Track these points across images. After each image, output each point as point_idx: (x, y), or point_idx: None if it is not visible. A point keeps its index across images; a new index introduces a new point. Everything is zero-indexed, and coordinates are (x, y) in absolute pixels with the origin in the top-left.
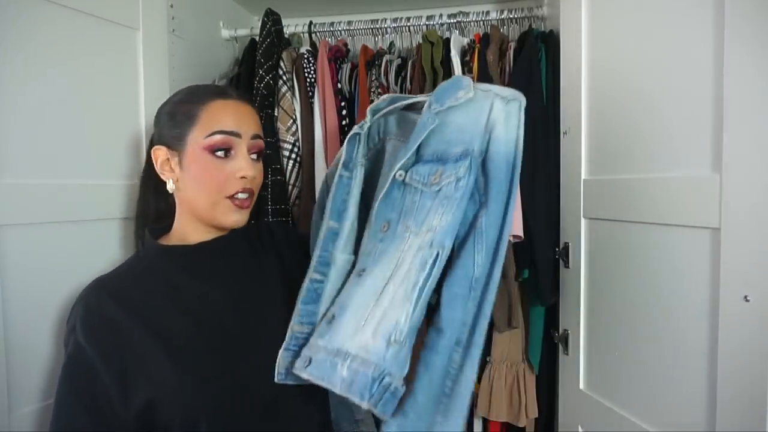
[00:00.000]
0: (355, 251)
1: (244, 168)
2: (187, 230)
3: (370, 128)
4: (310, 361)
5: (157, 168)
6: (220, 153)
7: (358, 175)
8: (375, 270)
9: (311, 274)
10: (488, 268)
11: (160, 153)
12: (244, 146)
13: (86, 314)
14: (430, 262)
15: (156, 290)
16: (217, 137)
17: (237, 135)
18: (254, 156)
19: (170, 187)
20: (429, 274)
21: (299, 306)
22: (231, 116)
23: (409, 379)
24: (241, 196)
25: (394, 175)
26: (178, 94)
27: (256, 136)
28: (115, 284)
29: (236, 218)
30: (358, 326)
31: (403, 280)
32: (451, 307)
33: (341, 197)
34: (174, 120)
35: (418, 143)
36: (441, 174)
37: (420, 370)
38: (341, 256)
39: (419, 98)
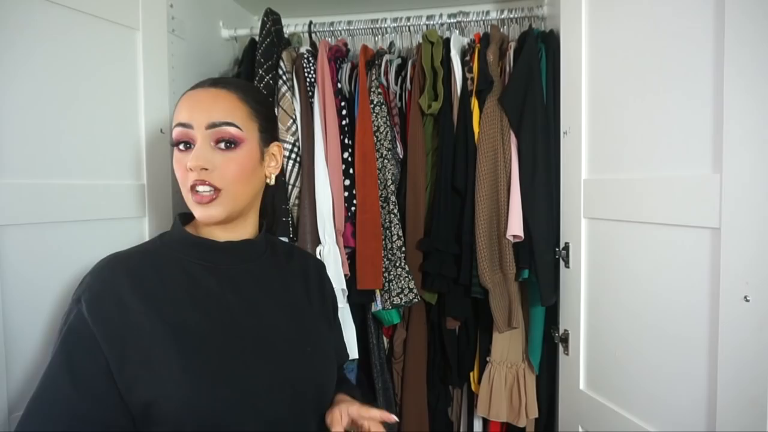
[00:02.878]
0: None
1: (191, 159)
2: (198, 224)
3: None
4: None
5: None
6: (181, 146)
7: None
8: None
9: None
10: None
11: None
12: (199, 136)
13: (98, 288)
14: None
15: (174, 280)
16: (175, 130)
17: (188, 126)
18: (222, 145)
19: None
20: None
21: None
22: (186, 107)
23: None
24: (199, 189)
25: None
26: None
27: (214, 125)
28: (133, 263)
29: (199, 213)
30: None
31: None
32: None
33: None
34: None
35: None
36: None
37: None
38: None
39: None
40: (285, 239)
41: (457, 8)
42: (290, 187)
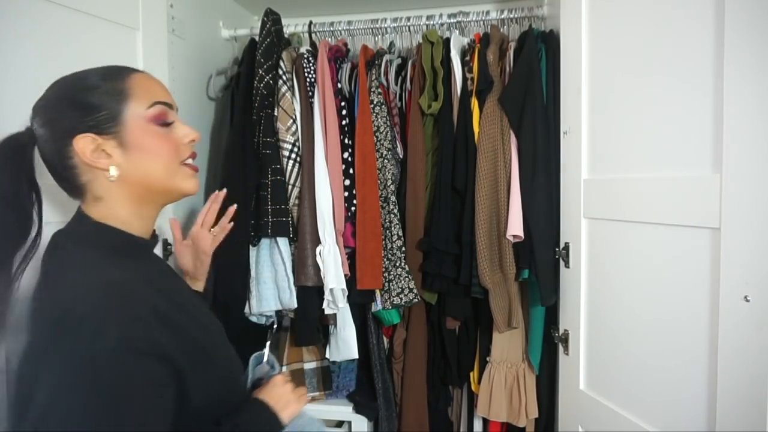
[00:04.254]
0: None
1: (190, 132)
2: (132, 218)
3: None
4: None
5: (87, 159)
6: (162, 122)
7: None
8: None
9: None
10: None
11: (86, 141)
12: (177, 117)
13: (136, 314)
14: None
15: (174, 288)
16: (159, 107)
17: (171, 106)
18: None
19: (113, 175)
20: None
21: None
22: (159, 87)
23: None
24: (191, 161)
25: None
26: (71, 82)
27: (177, 110)
28: (147, 280)
29: (194, 183)
30: None
31: None
32: None
33: None
34: (94, 103)
35: None
36: None
37: None
38: None
39: None
40: (285, 239)
41: (457, 8)
42: (290, 187)
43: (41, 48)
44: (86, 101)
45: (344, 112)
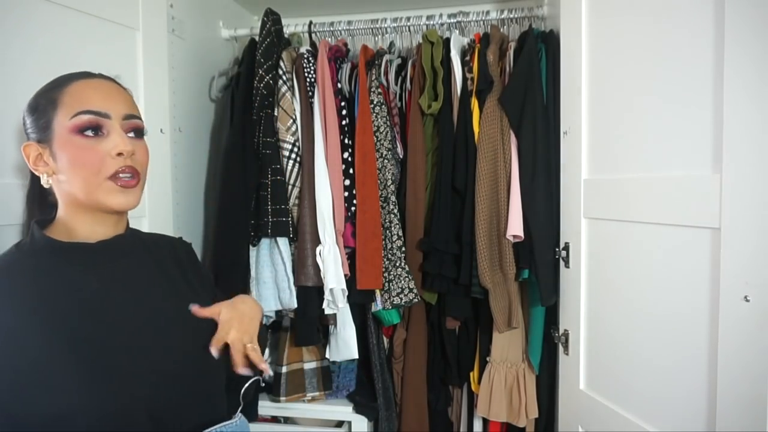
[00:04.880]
0: None
1: (119, 144)
2: (75, 223)
3: None
4: None
5: (31, 165)
6: (89, 133)
7: None
8: None
9: None
10: None
11: (30, 149)
12: (117, 125)
13: None
14: None
15: (54, 291)
16: (84, 117)
17: (105, 116)
18: (132, 134)
19: (44, 181)
20: None
21: None
22: (96, 95)
23: None
24: (122, 176)
25: None
26: (41, 88)
27: (129, 116)
28: (3, 281)
29: (122, 200)
30: None
31: None
32: None
33: None
34: (36, 111)
35: None
36: None
37: None
38: None
39: None
40: (285, 239)
41: (457, 8)
42: (290, 187)
43: (41, 47)
44: (35, 107)
45: (344, 112)
